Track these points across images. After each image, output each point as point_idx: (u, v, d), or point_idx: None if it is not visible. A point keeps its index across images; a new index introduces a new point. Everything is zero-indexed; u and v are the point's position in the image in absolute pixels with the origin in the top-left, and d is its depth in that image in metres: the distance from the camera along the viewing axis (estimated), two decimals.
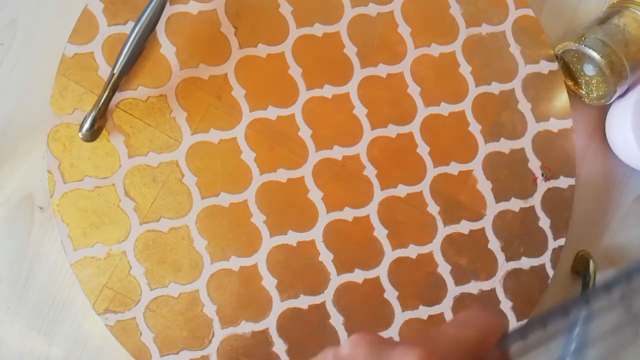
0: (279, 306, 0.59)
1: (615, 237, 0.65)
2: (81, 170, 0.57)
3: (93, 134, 0.56)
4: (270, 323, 0.58)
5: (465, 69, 0.62)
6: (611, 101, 0.62)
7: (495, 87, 0.62)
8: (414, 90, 0.61)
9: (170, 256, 0.58)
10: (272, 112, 0.60)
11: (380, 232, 0.60)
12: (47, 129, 0.57)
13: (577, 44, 0.60)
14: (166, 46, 0.59)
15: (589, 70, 0.61)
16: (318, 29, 0.61)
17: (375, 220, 0.60)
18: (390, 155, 0.61)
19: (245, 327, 0.58)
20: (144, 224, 0.58)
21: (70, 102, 0.58)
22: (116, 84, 0.55)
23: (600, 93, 0.62)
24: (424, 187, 0.61)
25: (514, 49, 0.63)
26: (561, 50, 0.62)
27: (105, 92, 0.55)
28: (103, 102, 0.55)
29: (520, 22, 0.63)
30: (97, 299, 0.57)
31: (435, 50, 0.62)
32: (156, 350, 0.57)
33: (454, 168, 0.61)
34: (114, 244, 0.57)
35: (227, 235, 0.58)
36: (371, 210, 0.60)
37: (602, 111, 0.65)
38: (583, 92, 0.64)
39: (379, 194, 0.60)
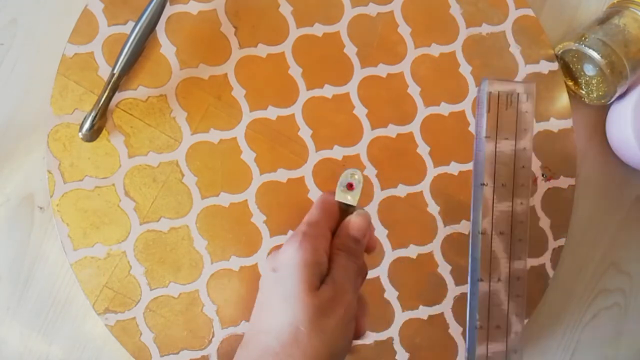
0: None
1: (615, 237, 0.65)
2: (81, 170, 0.57)
3: (93, 134, 0.56)
4: None
5: (465, 69, 0.62)
6: (611, 101, 0.61)
7: None
8: (414, 90, 0.61)
9: (170, 256, 0.58)
10: (272, 112, 0.60)
11: (381, 232, 0.60)
12: (47, 129, 0.57)
13: (577, 44, 0.60)
14: (166, 46, 0.59)
15: (589, 70, 0.61)
16: (318, 29, 0.61)
17: (375, 220, 0.60)
18: (390, 155, 0.61)
19: (246, 328, 0.58)
20: (144, 224, 0.58)
21: (70, 102, 0.58)
22: (116, 84, 0.55)
23: (600, 93, 0.62)
24: (424, 187, 0.61)
25: (514, 49, 0.63)
26: (561, 50, 0.62)
27: (105, 92, 0.55)
28: (103, 102, 0.55)
29: (520, 22, 0.63)
30: (97, 299, 0.57)
31: (435, 50, 0.62)
32: (156, 350, 0.57)
33: (454, 168, 0.61)
34: (114, 244, 0.57)
35: (227, 235, 0.58)
36: (371, 210, 0.60)
37: (602, 111, 0.65)
38: (583, 92, 0.63)
39: (379, 194, 0.60)
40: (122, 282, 0.57)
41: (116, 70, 0.55)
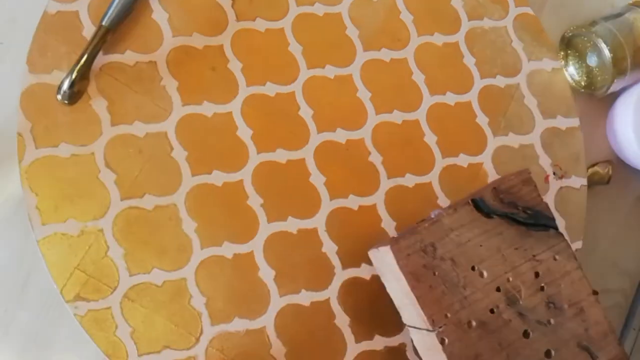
0: (277, 302, 0.51)
1: (615, 237, 0.64)
2: (57, 135, 0.51)
3: (73, 96, 0.50)
4: (267, 321, 0.51)
5: (469, 60, 0.60)
6: (607, 94, 0.62)
7: (500, 81, 0.60)
8: (418, 77, 0.59)
9: (155, 238, 0.50)
10: (270, 89, 0.55)
11: (388, 224, 0.55)
12: (21, 87, 0.51)
13: (586, 31, 0.61)
14: (158, 12, 0.55)
15: (592, 60, 0.62)
16: (319, 9, 0.58)
17: (382, 211, 0.55)
18: (396, 142, 0.57)
19: (239, 325, 0.50)
20: (125, 200, 0.51)
21: (50, 62, 0.52)
22: (104, 39, 0.50)
23: (600, 84, 0.62)
24: (433, 178, 0.57)
25: (517, 45, 0.62)
26: (570, 34, 0.63)
27: (90, 46, 0.49)
28: (87, 59, 0.50)
29: (521, 20, 0.62)
30: (66, 283, 0.48)
31: (439, 39, 0.60)
32: (134, 348, 0.48)
33: (463, 160, 0.58)
34: (90, 221, 0.50)
35: (220, 218, 0.52)
36: (378, 199, 0.55)
37: (604, 111, 0.65)
38: (582, 83, 0.64)
39: (385, 183, 0.56)
40: (97, 264, 0.49)
41: (105, 22, 0.50)
